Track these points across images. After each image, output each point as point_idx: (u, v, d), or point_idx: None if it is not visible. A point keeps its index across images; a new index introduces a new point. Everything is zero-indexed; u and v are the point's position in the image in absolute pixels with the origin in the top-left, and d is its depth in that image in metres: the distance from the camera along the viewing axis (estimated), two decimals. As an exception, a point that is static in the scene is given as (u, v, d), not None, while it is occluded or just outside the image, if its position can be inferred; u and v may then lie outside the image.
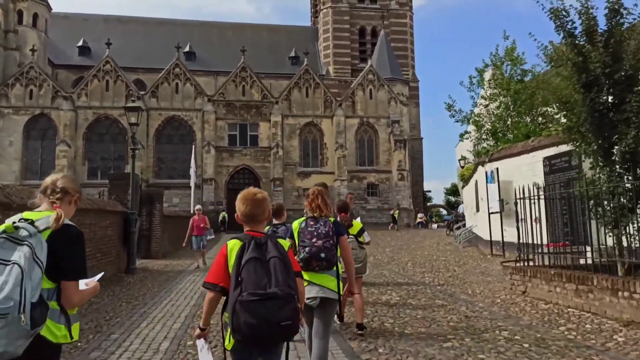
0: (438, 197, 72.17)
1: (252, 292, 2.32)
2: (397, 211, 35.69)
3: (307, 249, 3.63)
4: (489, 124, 17.96)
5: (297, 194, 37.58)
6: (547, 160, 9.95)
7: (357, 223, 6.00)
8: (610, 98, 6.97)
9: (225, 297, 2.47)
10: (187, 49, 44.87)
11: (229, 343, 2.46)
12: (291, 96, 38.72)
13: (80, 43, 44.66)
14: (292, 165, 37.88)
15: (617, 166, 6.91)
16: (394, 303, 7.18)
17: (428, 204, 54.35)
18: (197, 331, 2.65)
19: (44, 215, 2.12)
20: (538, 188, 8.34)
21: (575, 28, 7.31)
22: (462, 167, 26.78)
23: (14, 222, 2.04)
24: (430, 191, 51.34)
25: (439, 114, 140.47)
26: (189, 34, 47.32)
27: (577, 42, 7.25)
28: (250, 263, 2.40)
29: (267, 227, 6.61)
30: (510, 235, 12.45)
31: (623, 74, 6.84)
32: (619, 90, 6.83)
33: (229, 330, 2.40)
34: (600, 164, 7.11)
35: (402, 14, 52.69)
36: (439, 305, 7.15)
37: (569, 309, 6.32)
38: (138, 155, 35.57)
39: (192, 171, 32.61)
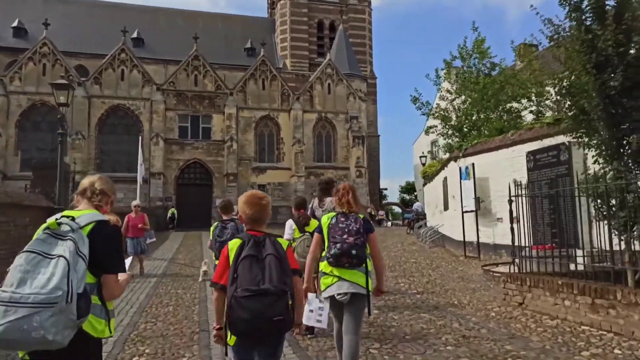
0: (392, 195, 72.48)
1: (246, 288, 2.42)
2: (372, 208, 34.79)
3: (338, 245, 3.63)
4: (454, 119, 17.23)
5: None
6: (531, 154, 9.12)
7: (314, 221, 5.81)
8: (620, 82, 6.08)
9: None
10: (134, 34, 42.11)
11: (230, 339, 2.55)
12: (247, 88, 37.00)
13: (15, 24, 40.84)
14: (247, 160, 36.21)
15: (629, 160, 6.04)
16: (372, 320, 6.01)
17: (383, 201, 54.03)
18: (215, 332, 2.72)
19: (84, 213, 2.30)
20: (518, 186, 7.40)
21: (582, 1, 6.39)
22: (423, 164, 26.18)
23: (56, 219, 2.18)
24: (386, 189, 51.10)
25: (393, 112, 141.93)
26: (137, 19, 44.39)
27: (584, 17, 6.33)
28: (246, 260, 2.51)
29: (216, 224, 6.68)
30: (485, 236, 11.64)
31: (635, 53, 5.99)
32: (633, 73, 5.95)
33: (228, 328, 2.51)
34: (607, 157, 6.24)
35: (360, 10, 51.98)
36: (426, 320, 6.05)
37: (583, 327, 5.36)
38: (78, 146, 32.95)
39: (139, 164, 30.27)
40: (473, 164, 11.35)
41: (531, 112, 16.28)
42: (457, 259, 12.25)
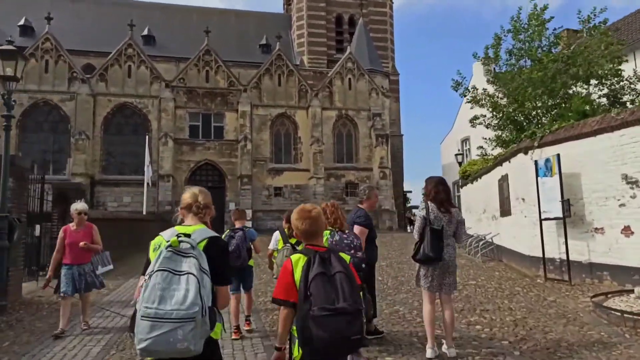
0: (415, 199, 69.34)
1: (322, 307, 2.38)
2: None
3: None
4: (511, 107, 14.30)
5: (267, 193, 33.47)
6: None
7: None
8: None
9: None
10: (145, 32, 40.04)
11: (297, 355, 2.53)
12: (261, 84, 34.54)
13: (22, 22, 39.15)
14: (262, 161, 33.69)
15: None
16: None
17: (407, 205, 51.01)
18: (275, 353, 2.62)
19: (196, 229, 2.53)
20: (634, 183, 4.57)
21: None
22: (460, 163, 23.25)
23: (178, 237, 2.42)
24: (411, 191, 48.08)
25: (413, 111, 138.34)
26: (148, 16, 42.33)
27: None
28: (318, 278, 2.46)
29: (227, 232, 6.29)
30: (576, 252, 8.75)
31: None
32: None
33: (296, 342, 2.52)
34: None
35: (381, 3, 49.17)
36: None
37: None
38: (82, 147, 30.83)
39: (146, 166, 28.02)
40: (558, 156, 8.50)
41: (604, 96, 13.34)
42: (532, 280, 9.37)
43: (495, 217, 13.28)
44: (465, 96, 15.58)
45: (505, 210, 12.01)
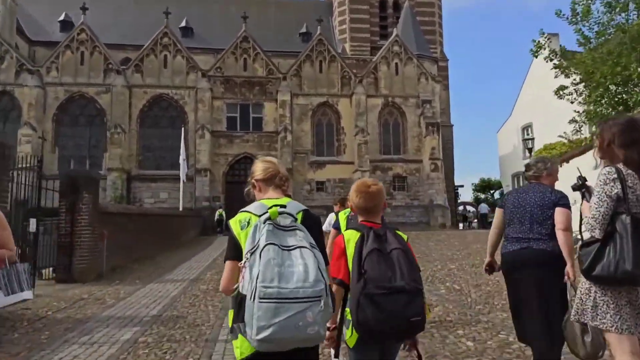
0: (465, 195, 65.58)
1: (378, 284, 2.21)
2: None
3: None
4: (609, 72, 11.44)
5: (309, 188, 31.40)
6: None
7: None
8: None
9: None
10: (183, 23, 38.77)
11: (350, 338, 2.37)
12: (302, 71, 32.47)
13: (62, 17, 38.84)
14: (303, 154, 31.64)
15: None
16: None
17: (458, 200, 47.68)
18: (327, 333, 2.24)
19: (288, 201, 2.19)
20: None
21: None
22: (530, 149, 20.28)
23: (278, 208, 2.04)
24: (462, 186, 44.73)
25: (462, 101, 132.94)
26: (186, 8, 41.10)
27: None
28: (372, 255, 2.29)
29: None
30: None
31: None
32: None
33: (350, 326, 2.34)
34: None
35: (428, -16, 46.01)
36: None
37: None
38: (117, 141, 29.79)
39: (181, 160, 26.59)
40: None
41: None
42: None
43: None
44: (551, 60, 12.78)
45: None
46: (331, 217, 6.41)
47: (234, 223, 2.12)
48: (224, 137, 30.87)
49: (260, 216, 2.02)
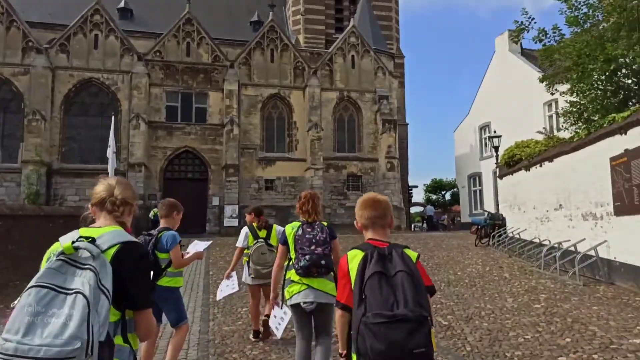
0: (416, 195, 65.01)
1: (377, 312, 2.04)
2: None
3: (307, 256, 3.71)
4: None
5: (257, 186, 28.89)
6: None
7: (275, 230, 5.69)
8: None
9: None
10: (121, 4, 35.08)
11: None
12: (251, 60, 29.89)
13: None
14: (251, 149, 29.09)
15: None
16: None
17: (412, 201, 46.61)
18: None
19: (106, 232, 1.88)
20: None
21: None
22: (496, 148, 18.81)
23: (73, 242, 1.74)
24: (417, 186, 43.52)
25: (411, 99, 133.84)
26: (125, -13, 37.49)
27: None
28: (374, 278, 2.11)
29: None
30: None
31: None
32: None
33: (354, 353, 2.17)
34: None
35: (385, -22, 44.59)
36: None
37: None
38: (36, 129, 26.00)
39: (110, 153, 23.33)
40: None
41: None
42: None
43: (599, 216, 8.81)
44: (541, 41, 11.07)
45: (629, 206, 7.54)
46: (245, 232, 5.73)
47: (46, 255, 1.84)
48: (163, 129, 27.77)
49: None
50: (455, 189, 55.93)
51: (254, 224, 5.64)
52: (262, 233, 5.60)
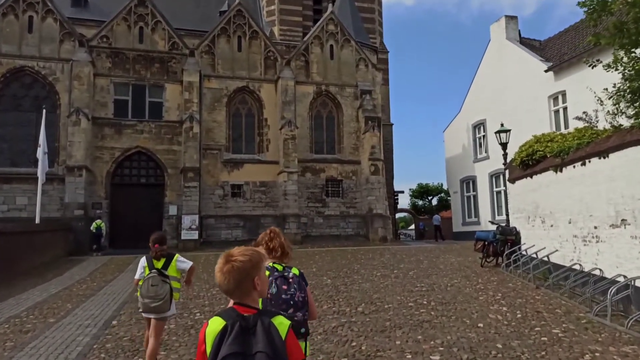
0: (402, 201, 61.74)
1: None
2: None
3: None
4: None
5: (222, 193, 25.14)
6: None
7: (175, 262, 5.33)
8: None
9: None
10: (74, -11, 31.11)
11: None
12: (215, 48, 26.19)
13: None
14: (215, 150, 25.33)
15: None
16: None
17: (398, 208, 43.21)
18: None
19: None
20: None
21: None
22: (504, 145, 15.41)
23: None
24: (403, 192, 40.24)
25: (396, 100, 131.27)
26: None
27: None
28: None
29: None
30: None
31: None
32: None
33: None
34: None
35: (367, -33, 41.34)
36: None
37: None
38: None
39: (40, 153, 19.46)
40: None
41: None
42: None
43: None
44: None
45: None
46: (142, 262, 5.27)
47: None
48: (110, 126, 23.82)
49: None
50: (442, 194, 52.98)
51: (153, 254, 5.24)
52: (159, 263, 5.17)
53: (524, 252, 11.96)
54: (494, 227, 14.84)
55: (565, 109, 20.75)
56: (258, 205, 25.53)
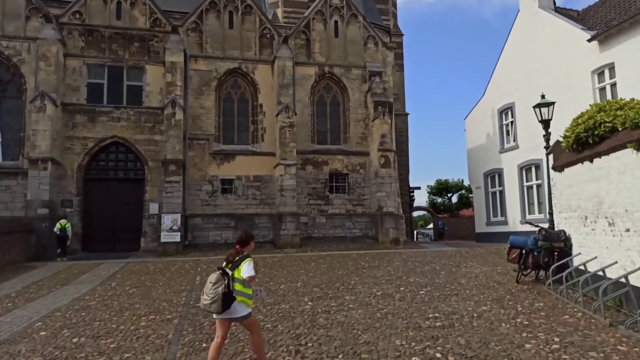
0: (419, 198, 58.04)
1: None
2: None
3: None
4: None
5: (211, 189, 22.14)
6: None
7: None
8: None
9: None
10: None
11: None
12: (203, 25, 23.15)
13: None
14: (202, 140, 22.34)
15: None
16: None
17: (414, 206, 39.68)
18: None
19: None
20: None
21: None
22: (545, 123, 11.93)
23: None
24: (419, 188, 36.84)
25: (415, 91, 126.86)
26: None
27: None
28: None
29: None
30: None
31: None
32: None
33: None
34: None
35: (380, -57, 37.85)
36: None
37: None
38: None
39: (-8, 142, 16.76)
40: None
41: None
42: None
43: None
44: None
45: None
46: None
47: None
48: (83, 113, 21.01)
49: None
50: (462, 191, 49.19)
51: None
52: (229, 264, 5.08)
53: (581, 267, 8.58)
54: (530, 228, 11.45)
55: (613, 85, 17.13)
56: (252, 202, 22.46)
